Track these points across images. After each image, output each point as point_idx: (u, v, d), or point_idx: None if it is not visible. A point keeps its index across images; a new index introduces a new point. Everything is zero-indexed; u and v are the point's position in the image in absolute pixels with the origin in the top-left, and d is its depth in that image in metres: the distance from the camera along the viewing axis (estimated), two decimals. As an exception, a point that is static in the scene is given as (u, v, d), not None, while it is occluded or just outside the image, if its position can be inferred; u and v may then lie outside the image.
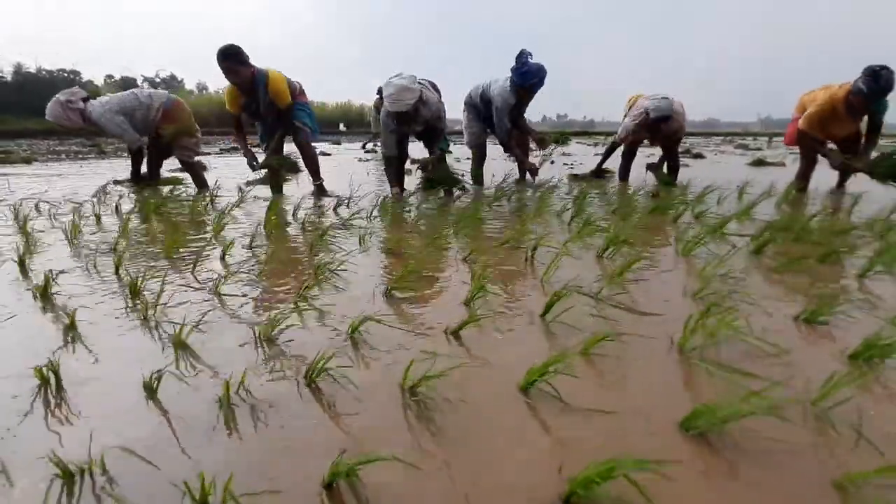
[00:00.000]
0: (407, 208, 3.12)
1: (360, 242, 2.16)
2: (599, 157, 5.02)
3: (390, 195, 3.43)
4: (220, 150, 9.95)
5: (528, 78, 3.67)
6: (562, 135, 4.72)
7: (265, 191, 3.88)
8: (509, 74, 3.78)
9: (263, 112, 3.55)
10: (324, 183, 3.89)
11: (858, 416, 0.89)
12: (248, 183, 4.41)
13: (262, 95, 3.46)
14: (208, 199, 3.37)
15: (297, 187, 4.19)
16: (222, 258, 1.88)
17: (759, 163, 6.66)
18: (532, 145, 4.52)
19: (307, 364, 1.02)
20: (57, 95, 3.72)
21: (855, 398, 0.93)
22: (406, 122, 3.30)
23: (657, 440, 0.83)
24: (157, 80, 36.38)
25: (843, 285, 1.62)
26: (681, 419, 0.87)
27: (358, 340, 1.18)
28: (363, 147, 11.01)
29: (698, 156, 8.17)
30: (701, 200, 3.07)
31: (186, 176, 4.32)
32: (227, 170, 5.86)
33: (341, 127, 21.37)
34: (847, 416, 0.89)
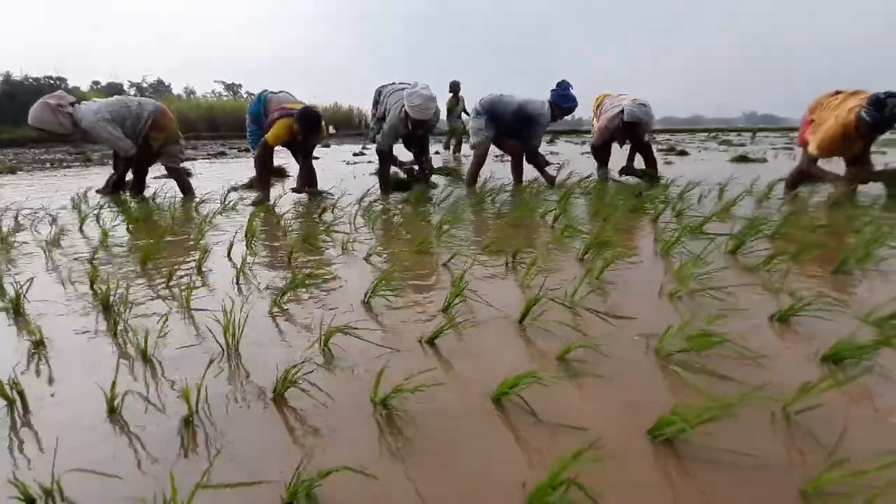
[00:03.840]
0: (392, 213, 3.11)
1: (341, 249, 2.14)
2: (587, 157, 5.06)
3: (380, 197, 3.45)
4: (208, 154, 9.86)
5: (571, 101, 4.17)
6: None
7: (251, 195, 3.84)
8: (548, 97, 4.20)
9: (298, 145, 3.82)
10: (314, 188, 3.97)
11: (828, 421, 0.89)
12: (234, 189, 4.38)
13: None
14: (193, 205, 3.34)
15: (283, 191, 4.16)
16: (198, 268, 1.86)
17: (742, 159, 6.73)
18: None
19: (276, 377, 1.00)
20: (44, 98, 3.59)
21: (826, 402, 0.93)
22: (422, 128, 3.62)
23: (625, 449, 0.83)
24: (145, 85, 35.96)
25: (817, 283, 1.64)
26: (650, 426, 0.87)
27: (331, 351, 1.17)
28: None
29: (682, 153, 8.23)
30: (682, 199, 3.09)
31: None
32: (213, 176, 5.81)
33: (330, 129, 21.27)
34: (817, 421, 0.89)
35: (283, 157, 5.19)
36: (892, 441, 0.85)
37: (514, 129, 4.25)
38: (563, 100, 4.12)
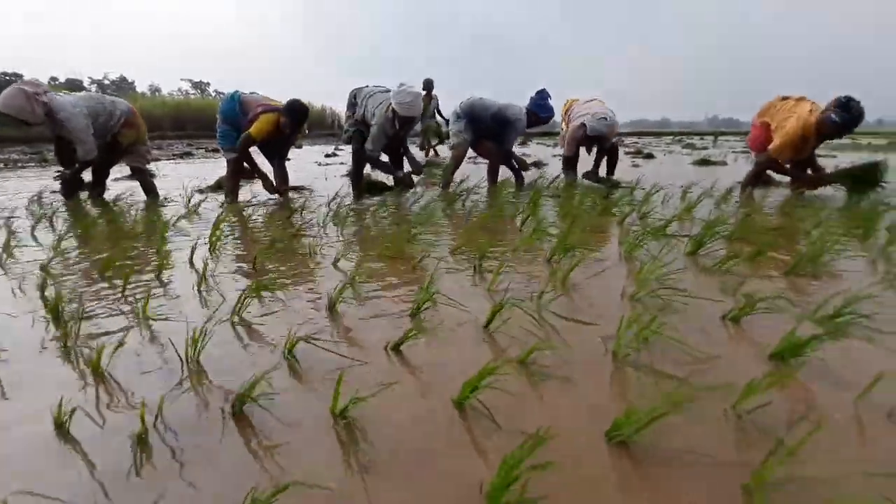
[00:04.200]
0: (363, 216, 3.09)
1: (309, 253, 2.12)
2: (558, 158, 5.16)
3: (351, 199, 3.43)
4: (173, 154, 9.55)
5: (548, 111, 4.31)
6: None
7: (218, 198, 3.75)
8: (526, 104, 4.32)
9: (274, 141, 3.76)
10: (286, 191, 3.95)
11: (774, 417, 0.94)
12: (200, 191, 4.27)
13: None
14: (156, 208, 3.24)
15: (251, 193, 4.07)
16: (158, 275, 1.80)
17: (704, 162, 6.98)
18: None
19: (235, 390, 0.98)
20: (18, 84, 3.38)
21: (772, 399, 0.97)
22: (410, 125, 3.77)
23: (582, 451, 0.85)
24: (106, 81, 34.55)
25: (769, 283, 1.72)
26: (606, 428, 0.89)
27: (293, 362, 1.15)
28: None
29: (649, 156, 8.48)
30: (647, 201, 3.18)
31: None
32: (179, 177, 5.63)
33: (304, 129, 20.93)
34: (764, 418, 0.93)
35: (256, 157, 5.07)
36: (833, 435, 0.90)
37: (492, 131, 4.35)
38: (540, 109, 4.26)
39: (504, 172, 4.62)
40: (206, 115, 16.99)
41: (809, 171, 3.99)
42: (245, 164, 3.76)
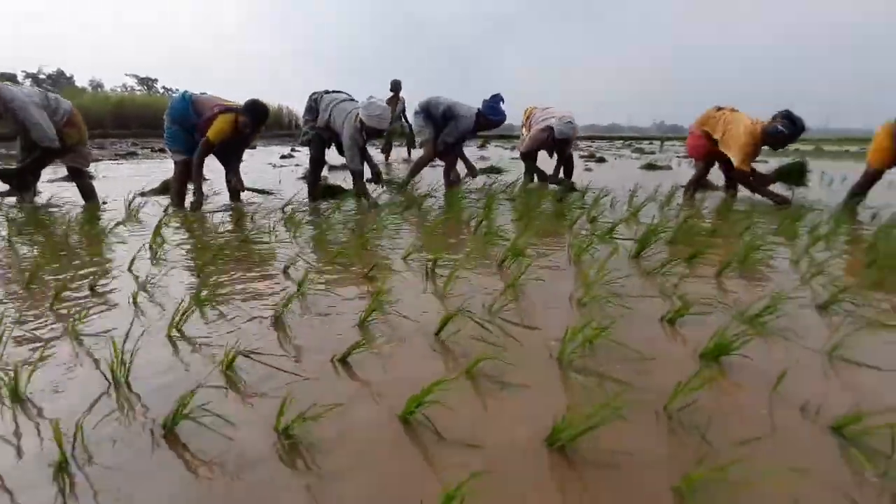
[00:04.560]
0: (317, 220, 3.03)
1: (258, 261, 2.05)
2: (516, 160, 5.29)
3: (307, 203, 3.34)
4: (116, 154, 9.02)
5: (498, 114, 4.31)
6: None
7: (163, 202, 3.57)
8: (478, 106, 4.32)
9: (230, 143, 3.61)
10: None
11: (705, 416, 0.99)
12: (142, 194, 4.06)
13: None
14: (94, 213, 3.04)
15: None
16: (92, 286, 1.70)
17: (651, 166, 7.33)
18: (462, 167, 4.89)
19: (166, 410, 0.94)
20: None
21: (703, 398, 1.03)
22: (377, 136, 3.84)
23: (522, 459, 0.87)
24: (42, 76, 32.21)
25: (703, 285, 1.82)
26: (546, 435, 0.91)
27: (233, 377, 1.11)
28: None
29: (601, 160, 8.81)
30: (596, 205, 3.30)
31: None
32: (121, 178, 5.32)
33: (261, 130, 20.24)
34: (695, 417, 0.99)
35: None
36: (758, 430, 0.96)
37: (443, 128, 4.43)
38: (490, 111, 4.30)
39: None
40: (153, 112, 16.06)
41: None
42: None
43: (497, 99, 4.34)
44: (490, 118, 4.31)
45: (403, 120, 8.46)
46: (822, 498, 0.79)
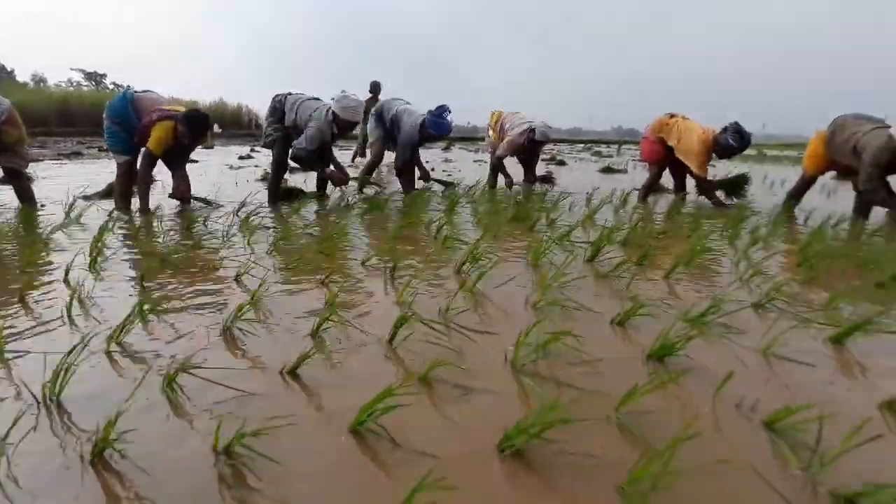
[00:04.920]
0: (273, 225, 2.95)
1: (208, 268, 1.98)
2: (479, 163, 5.34)
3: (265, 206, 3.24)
4: (59, 154, 8.48)
5: (440, 129, 4.22)
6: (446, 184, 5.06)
7: (107, 206, 3.37)
8: (424, 114, 4.23)
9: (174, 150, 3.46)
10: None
11: (648, 417, 1.02)
12: (85, 197, 3.83)
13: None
14: (31, 217, 2.84)
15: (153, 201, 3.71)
16: (22, 297, 1.59)
17: (608, 170, 7.59)
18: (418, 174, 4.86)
19: (100, 431, 0.88)
20: None
21: (647, 399, 1.06)
22: (349, 130, 3.80)
23: (474, 465, 0.87)
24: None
25: (652, 286, 1.89)
26: (498, 440, 0.92)
27: (173, 394, 1.06)
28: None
29: (561, 163, 9.03)
30: (556, 208, 3.37)
31: None
32: (63, 180, 5.00)
33: (216, 128, 19.54)
34: (639, 419, 1.02)
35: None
36: (699, 427, 1.00)
37: (391, 136, 4.47)
38: (433, 125, 4.20)
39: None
40: (101, 110, 15.11)
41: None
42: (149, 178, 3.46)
43: (442, 110, 4.24)
44: (431, 132, 4.22)
45: None
46: (752, 493, 0.84)
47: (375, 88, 8.11)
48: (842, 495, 0.81)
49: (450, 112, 4.26)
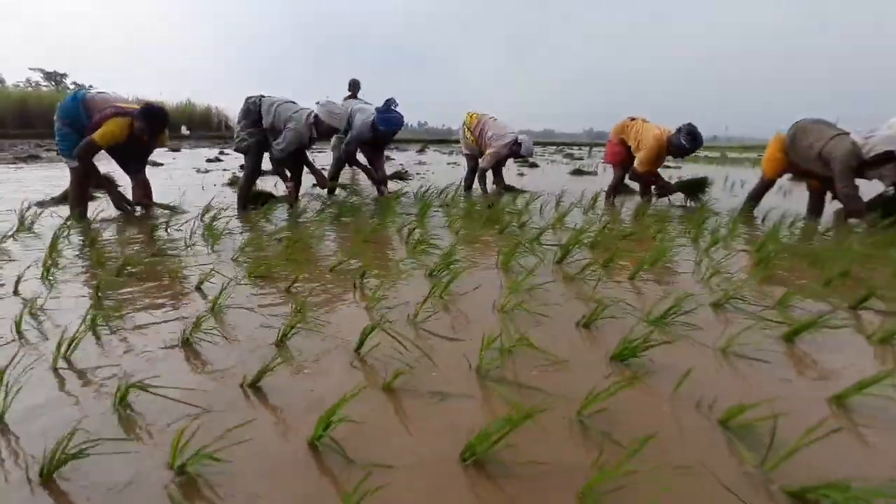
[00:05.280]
0: (239, 230, 2.88)
1: (166, 277, 1.91)
2: (452, 165, 5.35)
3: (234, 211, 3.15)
4: (16, 157, 8.08)
5: (388, 124, 4.10)
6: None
7: (63, 212, 3.23)
8: (374, 112, 4.13)
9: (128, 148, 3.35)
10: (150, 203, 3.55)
11: (610, 420, 1.04)
12: (40, 203, 3.65)
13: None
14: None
15: (108, 205, 3.57)
16: (-36, 314, 1.50)
17: (578, 172, 7.72)
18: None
19: (48, 453, 0.84)
20: None
21: (610, 402, 1.07)
22: (330, 135, 3.75)
23: (436, 476, 0.86)
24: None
25: (618, 287, 1.93)
26: (461, 449, 0.92)
27: (126, 411, 1.02)
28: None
29: (534, 165, 9.14)
30: (526, 210, 3.40)
31: None
32: (17, 185, 4.76)
33: (183, 130, 18.95)
34: (601, 422, 1.03)
35: (111, 164, 4.42)
36: (659, 428, 1.02)
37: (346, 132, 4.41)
38: (381, 121, 4.10)
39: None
40: None
41: (655, 181, 4.70)
42: (89, 171, 3.29)
43: (385, 106, 4.13)
44: (380, 129, 4.11)
45: None
46: (708, 493, 0.86)
47: (354, 87, 7.93)
48: (793, 492, 0.84)
49: (397, 104, 4.15)
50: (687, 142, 4.08)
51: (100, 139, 3.07)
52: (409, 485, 0.84)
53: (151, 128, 3.18)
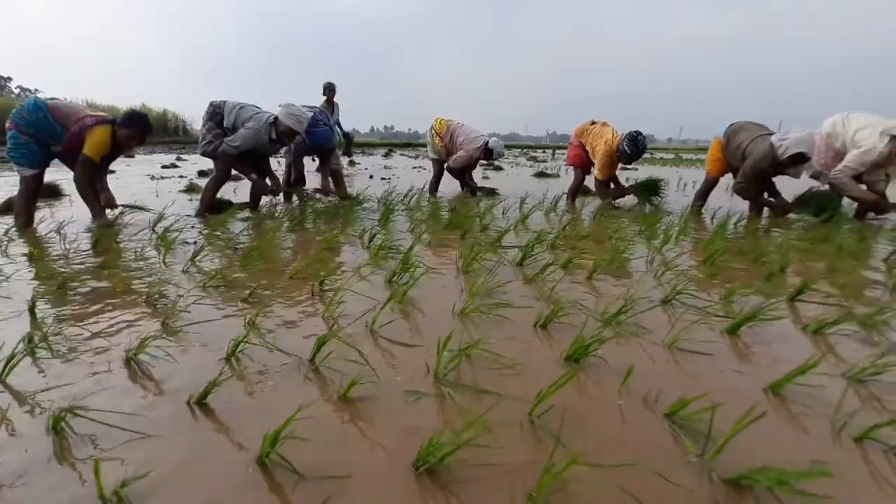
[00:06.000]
0: (195, 238, 2.78)
1: (113, 291, 1.83)
2: (418, 169, 5.38)
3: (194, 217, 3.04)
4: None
5: (314, 139, 4.07)
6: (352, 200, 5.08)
7: (5, 223, 3.03)
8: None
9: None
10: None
11: (562, 419, 1.06)
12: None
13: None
14: None
15: (52, 216, 3.38)
16: None
17: (541, 174, 7.88)
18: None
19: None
20: None
21: (562, 401, 1.10)
22: (285, 139, 3.66)
23: (388, 486, 0.86)
24: None
25: (575, 288, 1.98)
26: (414, 458, 0.92)
27: (63, 434, 0.97)
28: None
29: (498, 168, 9.27)
30: (489, 212, 3.44)
31: None
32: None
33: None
34: (553, 422, 1.05)
35: (56, 173, 4.17)
36: (608, 424, 1.05)
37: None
38: (310, 138, 3.99)
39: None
40: (6, 117, 13.55)
41: (612, 185, 4.86)
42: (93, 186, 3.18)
43: (315, 120, 3.98)
44: (307, 143, 4.06)
45: (339, 127, 8.08)
46: (654, 486, 0.89)
47: (331, 90, 7.66)
48: (731, 479, 0.88)
49: (327, 120, 4.10)
50: (629, 147, 4.25)
51: (93, 154, 3.02)
52: (360, 496, 0.83)
53: (143, 134, 3.13)
